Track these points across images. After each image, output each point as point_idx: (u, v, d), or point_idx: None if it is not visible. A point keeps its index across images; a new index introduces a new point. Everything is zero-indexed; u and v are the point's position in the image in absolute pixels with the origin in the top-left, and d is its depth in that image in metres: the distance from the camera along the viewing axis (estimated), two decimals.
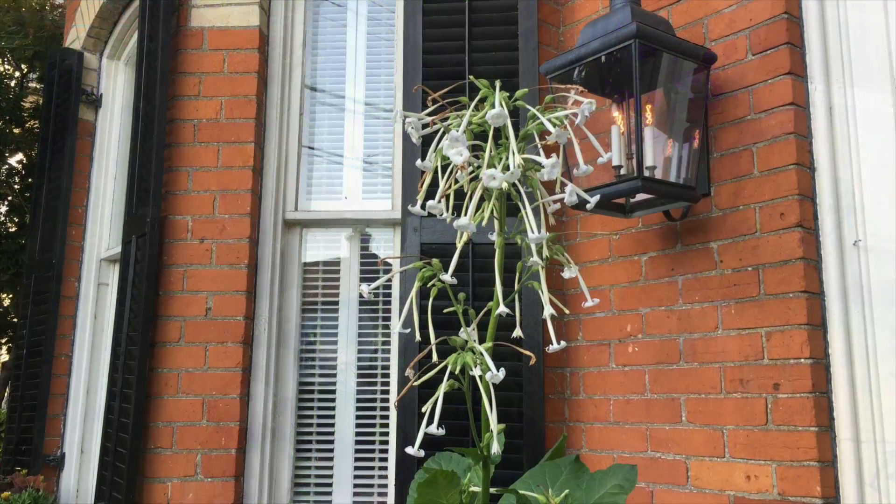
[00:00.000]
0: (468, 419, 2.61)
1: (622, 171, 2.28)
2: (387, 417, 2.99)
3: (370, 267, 3.16)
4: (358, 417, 3.02)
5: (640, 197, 2.37)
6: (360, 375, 3.05)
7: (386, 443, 2.98)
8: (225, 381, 2.81)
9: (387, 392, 3.01)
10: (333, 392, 3.05)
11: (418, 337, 1.28)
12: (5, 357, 6.96)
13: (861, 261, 2.12)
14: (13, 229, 5.68)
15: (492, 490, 1.29)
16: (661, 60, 2.28)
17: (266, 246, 3.01)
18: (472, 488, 1.41)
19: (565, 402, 2.74)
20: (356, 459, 2.99)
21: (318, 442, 3.01)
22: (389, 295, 3.10)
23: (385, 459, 2.97)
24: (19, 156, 6.08)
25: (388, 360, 3.04)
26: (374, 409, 3.02)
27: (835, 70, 2.23)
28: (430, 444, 2.36)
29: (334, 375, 3.06)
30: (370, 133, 3.28)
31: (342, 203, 3.19)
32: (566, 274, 1.33)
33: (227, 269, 2.90)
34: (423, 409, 1.14)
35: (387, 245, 3.20)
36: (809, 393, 2.07)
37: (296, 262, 3.12)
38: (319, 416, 3.03)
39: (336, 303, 3.13)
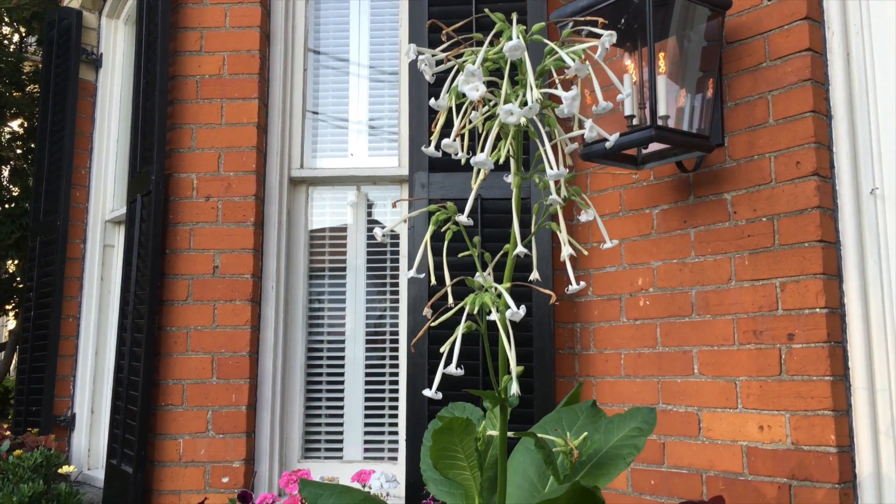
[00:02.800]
0: (479, 368, 2.59)
1: (634, 122, 2.23)
2: (396, 375, 2.99)
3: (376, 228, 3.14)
4: (367, 373, 3.02)
5: (653, 148, 2.33)
6: (368, 317, 3.04)
7: (396, 399, 2.98)
8: (234, 338, 2.80)
9: (396, 348, 3.00)
10: (342, 348, 3.04)
11: (433, 280, 1.26)
12: (13, 324, 6.97)
13: (878, 209, 2.08)
14: (16, 192, 5.65)
15: (509, 434, 1.27)
16: (674, 7, 2.22)
17: (272, 204, 2.98)
18: (490, 432, 1.40)
19: (575, 358, 2.73)
20: (366, 416, 3.00)
21: (329, 399, 3.01)
22: (397, 254, 3.07)
23: (395, 416, 2.97)
24: (20, 120, 6.03)
25: (396, 317, 3.03)
26: (383, 366, 3.02)
27: (852, 15, 2.18)
28: (439, 401, 2.37)
29: (343, 324, 3.06)
30: (375, 96, 3.22)
31: (348, 160, 3.16)
32: (583, 217, 1.30)
33: (233, 228, 2.88)
34: (441, 350, 1.12)
35: (394, 199, 3.16)
36: (824, 342, 2.05)
37: (302, 221, 3.09)
38: (329, 375, 3.03)
39: (344, 258, 3.11)
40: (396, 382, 2.98)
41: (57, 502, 2.72)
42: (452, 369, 1.09)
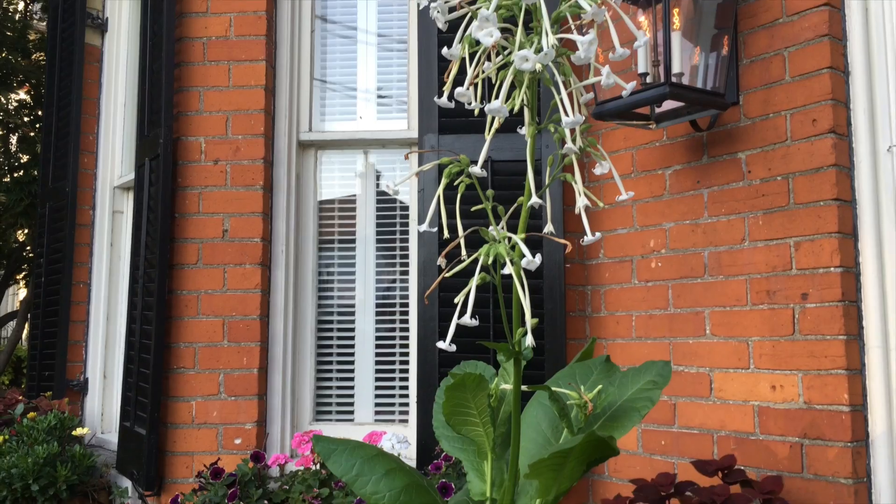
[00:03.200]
0: (490, 329, 2.58)
1: (648, 79, 2.20)
2: (406, 345, 2.99)
3: (386, 200, 3.11)
4: (378, 343, 3.02)
5: (667, 106, 2.29)
6: (378, 281, 3.04)
7: (406, 365, 2.98)
8: (244, 302, 2.80)
9: (406, 319, 3.00)
10: (353, 315, 3.04)
11: (446, 234, 1.24)
12: (24, 293, 7.01)
13: (895, 166, 2.05)
14: (25, 160, 5.64)
15: (522, 388, 1.27)
16: None
17: (281, 167, 2.96)
18: (503, 386, 1.39)
19: (586, 320, 2.72)
20: (377, 381, 3.01)
21: (339, 363, 3.02)
22: (407, 225, 3.06)
23: (405, 381, 2.98)
24: (27, 88, 6.00)
25: (406, 288, 3.02)
26: (393, 336, 3.02)
27: None
28: (450, 359, 2.39)
29: (353, 295, 3.06)
30: (384, 65, 3.19)
31: (357, 123, 3.13)
32: (598, 170, 1.28)
33: (242, 191, 2.87)
34: (456, 301, 1.11)
35: (403, 167, 3.15)
36: (838, 301, 2.03)
37: (311, 185, 3.08)
38: (339, 340, 3.03)
39: (353, 229, 3.10)
40: (406, 351, 2.98)
41: (71, 463, 2.74)
42: (467, 319, 1.08)
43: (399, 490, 1.40)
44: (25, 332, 5.67)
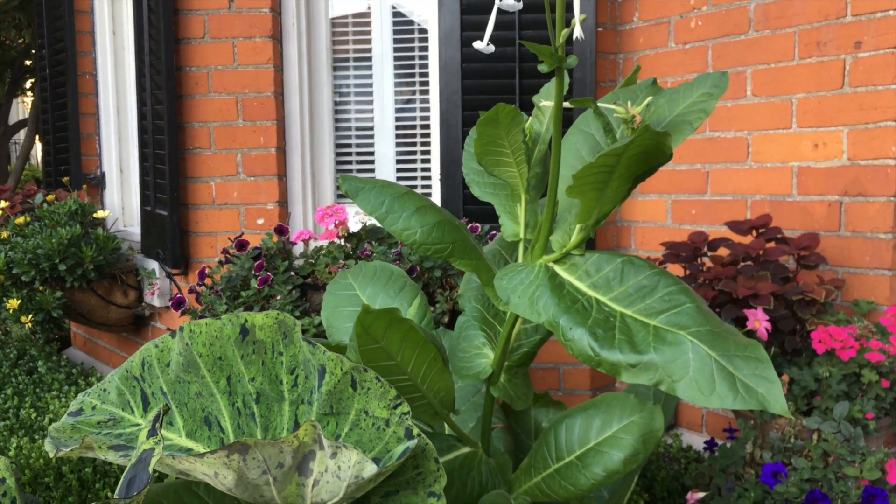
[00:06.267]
0: (515, 69, 2.41)
1: None
2: (427, 121, 2.88)
3: None
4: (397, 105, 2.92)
5: None
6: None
7: (428, 151, 2.89)
8: (257, 78, 2.67)
9: (426, 85, 2.87)
10: (370, 79, 2.92)
11: None
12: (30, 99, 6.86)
13: None
14: None
15: (564, 104, 1.17)
16: None
17: None
18: (543, 103, 1.30)
19: None
20: (398, 164, 2.94)
21: (358, 146, 2.94)
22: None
23: (428, 169, 2.90)
24: None
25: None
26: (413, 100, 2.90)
27: None
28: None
29: (369, 47, 2.92)
30: None
31: None
32: None
33: None
34: None
35: None
36: (893, 48, 1.88)
37: None
38: (357, 120, 2.93)
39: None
40: (427, 120, 2.88)
41: (96, 245, 2.75)
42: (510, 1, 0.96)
43: (431, 226, 1.35)
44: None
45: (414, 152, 2.93)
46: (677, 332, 1.01)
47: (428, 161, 2.91)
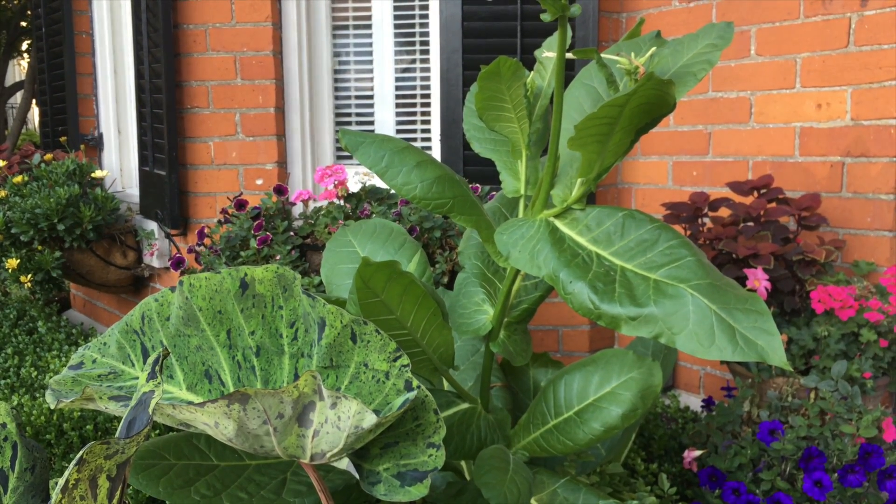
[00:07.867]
0: (517, 28, 2.34)
1: None
2: (427, 89, 2.85)
3: None
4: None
5: None
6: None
7: (428, 120, 2.87)
8: (256, 36, 2.64)
9: (426, 53, 2.84)
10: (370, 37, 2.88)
11: None
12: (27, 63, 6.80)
13: None
14: None
15: (567, 54, 1.15)
16: None
17: None
18: (546, 53, 1.28)
19: None
20: (398, 125, 2.91)
21: (358, 105, 2.91)
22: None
23: (427, 131, 2.88)
24: None
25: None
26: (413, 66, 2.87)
27: None
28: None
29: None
30: None
31: None
32: None
33: None
34: None
35: None
36: None
37: None
38: (357, 89, 2.90)
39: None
40: (428, 98, 2.85)
41: (94, 205, 2.74)
42: None
43: (431, 181, 1.34)
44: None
45: (414, 120, 2.90)
46: (678, 286, 1.01)
47: (428, 129, 2.89)
